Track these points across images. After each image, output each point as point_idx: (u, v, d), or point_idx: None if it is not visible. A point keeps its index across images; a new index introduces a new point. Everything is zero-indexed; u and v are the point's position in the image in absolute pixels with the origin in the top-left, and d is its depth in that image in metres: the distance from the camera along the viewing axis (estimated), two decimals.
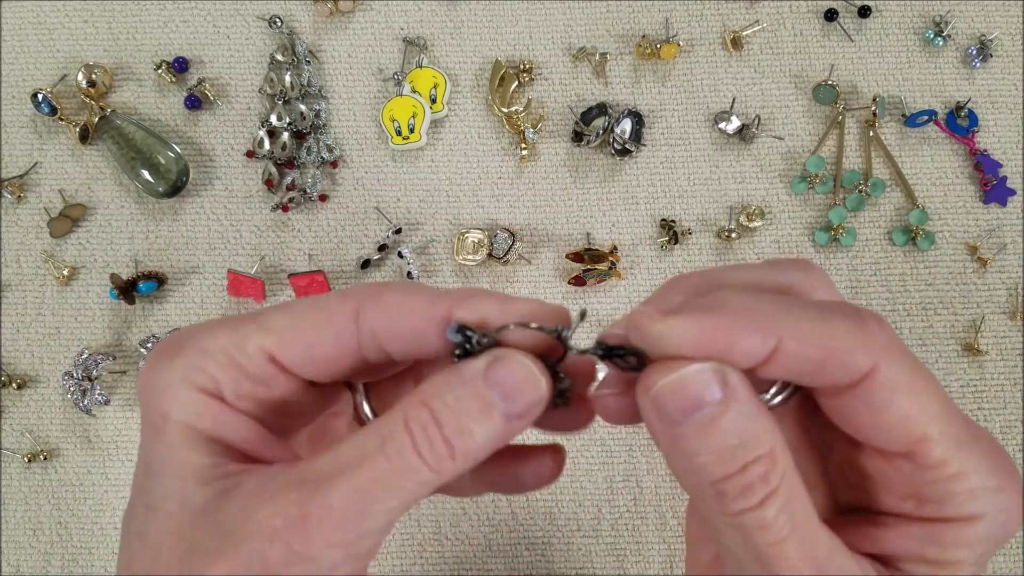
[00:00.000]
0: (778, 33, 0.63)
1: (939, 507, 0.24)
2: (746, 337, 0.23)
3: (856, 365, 0.23)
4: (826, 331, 0.23)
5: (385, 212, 0.61)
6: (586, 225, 0.61)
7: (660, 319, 0.23)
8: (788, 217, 0.61)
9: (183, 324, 0.60)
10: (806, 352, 0.23)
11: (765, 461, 0.23)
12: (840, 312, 0.24)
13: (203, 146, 0.62)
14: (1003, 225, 0.60)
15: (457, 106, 0.62)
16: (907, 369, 0.24)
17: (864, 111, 0.61)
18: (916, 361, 0.24)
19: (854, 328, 0.23)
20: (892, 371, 0.23)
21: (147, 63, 0.62)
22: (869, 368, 0.23)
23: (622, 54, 0.62)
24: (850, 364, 0.23)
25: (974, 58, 0.62)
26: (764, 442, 0.23)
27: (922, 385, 0.24)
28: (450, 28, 0.63)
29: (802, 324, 0.23)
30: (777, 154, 0.61)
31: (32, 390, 0.59)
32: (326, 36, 0.63)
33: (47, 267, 0.60)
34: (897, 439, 0.24)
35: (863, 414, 0.24)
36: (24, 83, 0.62)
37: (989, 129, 0.61)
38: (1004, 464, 0.24)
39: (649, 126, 0.61)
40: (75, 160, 0.61)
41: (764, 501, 0.23)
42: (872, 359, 0.23)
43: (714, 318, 0.23)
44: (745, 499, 0.23)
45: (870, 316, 0.24)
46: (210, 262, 0.60)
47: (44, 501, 0.58)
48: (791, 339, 0.23)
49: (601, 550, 0.57)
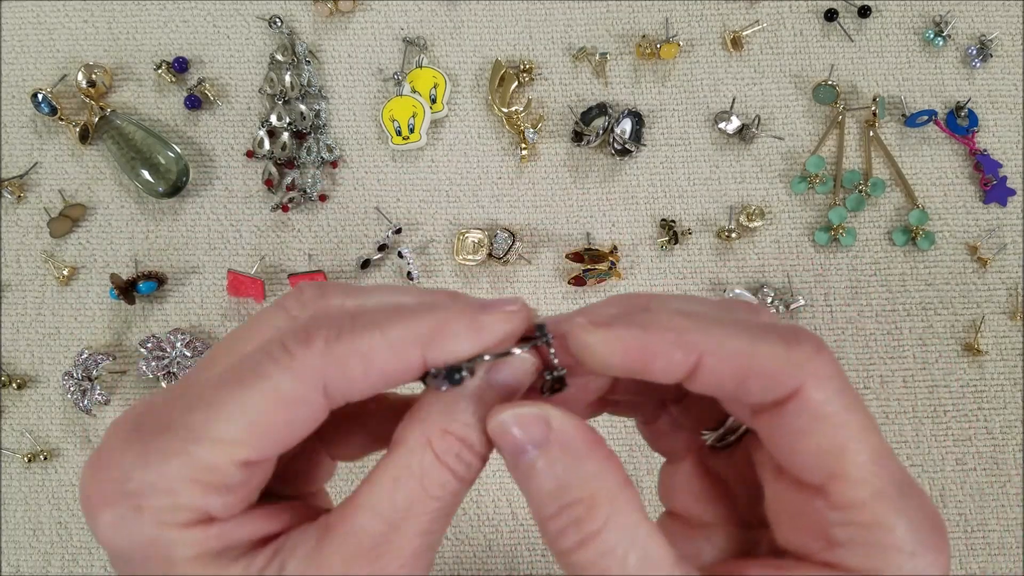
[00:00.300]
0: (778, 33, 0.63)
1: (844, 553, 0.23)
2: (666, 353, 0.23)
3: (777, 385, 0.23)
4: (749, 349, 0.23)
5: (385, 212, 0.61)
6: (586, 225, 0.61)
7: (590, 330, 0.23)
8: (788, 217, 0.61)
9: (183, 324, 0.60)
10: (726, 369, 0.23)
11: (580, 506, 0.23)
12: (771, 332, 0.23)
13: (203, 146, 0.62)
14: (1003, 225, 0.60)
15: (457, 106, 0.62)
16: (836, 399, 0.23)
17: (864, 111, 0.61)
18: (852, 395, 0.23)
19: (782, 348, 0.23)
20: (817, 397, 0.23)
21: (147, 63, 0.62)
22: (791, 390, 0.23)
23: (622, 54, 0.62)
24: (771, 384, 0.23)
25: (974, 58, 0.62)
26: (585, 487, 0.23)
27: (851, 420, 0.23)
28: (450, 28, 0.63)
29: (725, 341, 0.23)
30: (777, 154, 0.61)
31: (32, 390, 0.59)
32: (326, 36, 0.63)
33: (47, 267, 0.60)
34: (812, 470, 0.23)
35: (783, 438, 0.24)
36: (24, 83, 0.62)
37: (989, 129, 0.61)
38: (931, 530, 0.23)
39: (649, 126, 0.61)
40: (75, 160, 0.61)
41: (579, 545, 0.23)
42: (796, 381, 0.23)
43: (637, 333, 0.23)
44: (563, 540, 0.23)
45: (807, 339, 0.23)
46: (210, 262, 0.60)
47: (44, 501, 0.58)
48: (711, 356, 0.23)
49: None
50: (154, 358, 0.57)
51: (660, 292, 0.26)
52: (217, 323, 0.60)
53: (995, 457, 0.58)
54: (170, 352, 0.57)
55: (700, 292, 0.60)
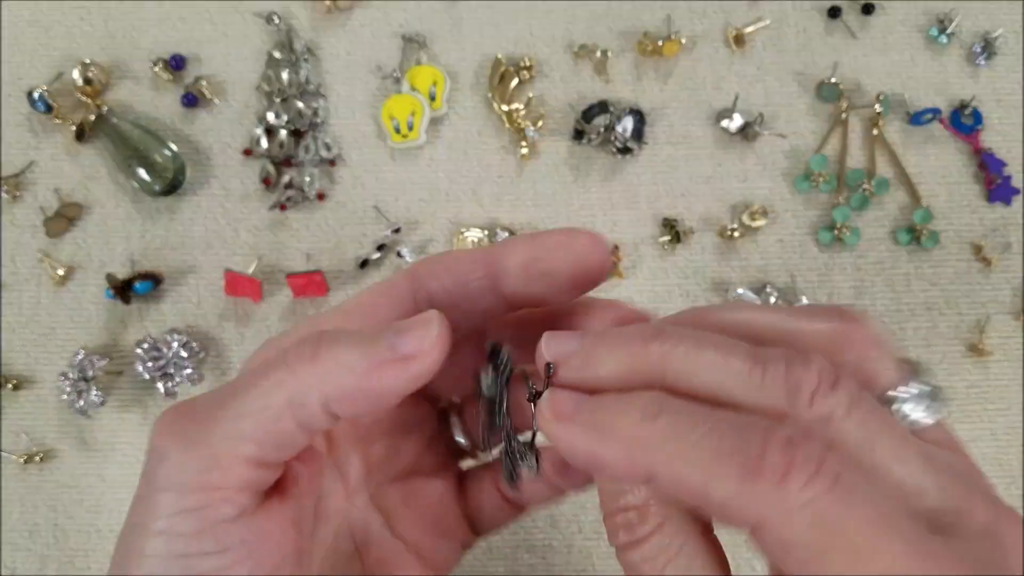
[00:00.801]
0: (781, 30, 0.62)
1: None
2: (616, 469, 0.22)
3: (736, 525, 0.20)
4: (701, 482, 0.20)
5: (384, 211, 0.60)
6: (587, 224, 0.60)
7: (551, 421, 0.23)
8: (791, 216, 0.60)
9: (180, 324, 0.59)
10: (678, 494, 0.21)
11: (633, 513, 0.24)
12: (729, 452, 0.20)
13: (200, 144, 0.61)
14: (1008, 224, 0.60)
15: (457, 104, 0.62)
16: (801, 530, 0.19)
17: (868, 109, 0.61)
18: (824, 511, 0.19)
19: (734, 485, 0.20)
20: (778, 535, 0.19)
21: (144, 61, 0.62)
22: (751, 526, 0.20)
23: (623, 51, 0.62)
24: (730, 524, 0.21)
25: (979, 56, 0.61)
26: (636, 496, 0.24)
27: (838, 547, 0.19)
28: (449, 25, 0.62)
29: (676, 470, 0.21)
30: (780, 152, 0.61)
31: (28, 391, 0.58)
32: (324, 33, 0.62)
33: (43, 267, 0.60)
34: None
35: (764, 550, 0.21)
36: (20, 81, 0.61)
37: (994, 127, 0.61)
38: None
39: (651, 124, 0.61)
40: (71, 159, 0.61)
41: (628, 546, 0.24)
42: (754, 519, 0.20)
43: (593, 441, 0.22)
44: (615, 538, 0.25)
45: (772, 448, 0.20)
46: (207, 261, 0.60)
47: (40, 503, 0.58)
48: (662, 483, 0.21)
49: (602, 553, 0.57)
50: (150, 359, 0.57)
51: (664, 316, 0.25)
52: (214, 323, 0.59)
53: (999, 459, 0.58)
54: (166, 353, 0.57)
55: (702, 292, 0.60)
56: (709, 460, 0.20)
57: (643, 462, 0.21)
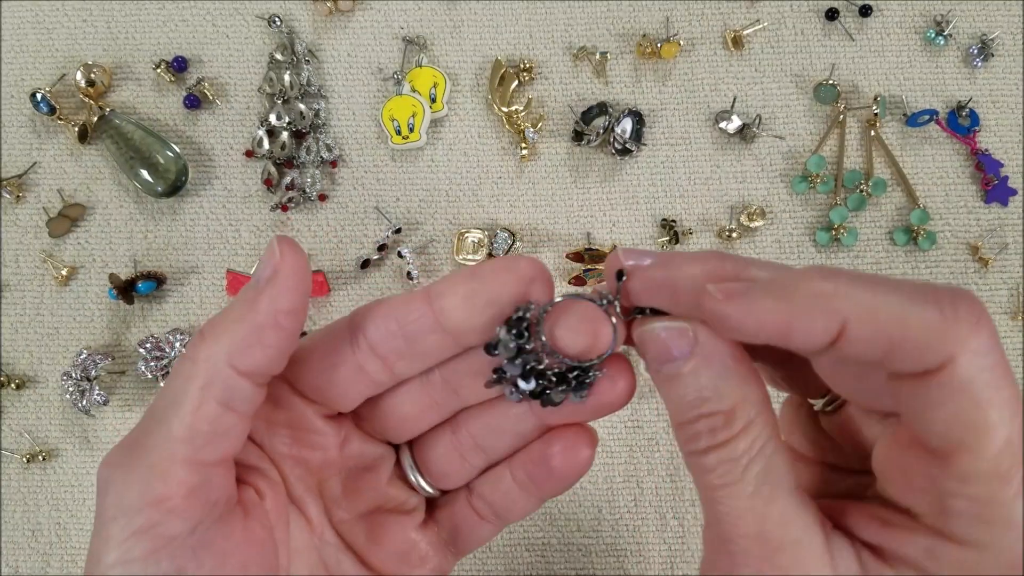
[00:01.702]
0: (779, 32, 0.62)
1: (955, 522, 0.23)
2: (808, 323, 0.22)
3: (927, 357, 0.22)
4: (899, 316, 0.22)
5: (385, 212, 0.61)
6: (586, 225, 0.61)
7: (725, 302, 0.23)
8: (789, 217, 0.61)
9: (182, 324, 0.59)
10: (872, 338, 0.22)
11: (719, 418, 0.24)
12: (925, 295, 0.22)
13: (202, 146, 0.61)
14: (1004, 225, 0.60)
15: (457, 105, 0.62)
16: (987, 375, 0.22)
17: (865, 110, 0.61)
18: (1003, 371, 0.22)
19: (937, 316, 0.21)
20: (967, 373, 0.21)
21: (146, 62, 0.62)
22: (942, 363, 0.22)
23: (622, 53, 0.62)
24: (920, 355, 0.22)
25: (975, 57, 0.61)
26: (724, 400, 0.24)
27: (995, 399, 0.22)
28: (450, 27, 0.63)
29: (874, 308, 0.22)
30: (778, 154, 0.61)
31: (31, 390, 0.59)
32: (325, 35, 0.63)
33: (46, 267, 0.60)
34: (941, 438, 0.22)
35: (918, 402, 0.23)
36: (23, 83, 0.62)
37: (990, 129, 0.61)
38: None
39: (649, 125, 0.61)
40: (74, 160, 0.61)
41: (710, 449, 0.24)
42: (948, 354, 0.21)
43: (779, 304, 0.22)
44: (693, 443, 0.25)
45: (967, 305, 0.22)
46: (209, 262, 0.60)
47: (43, 502, 0.58)
48: (857, 325, 0.22)
49: (601, 550, 0.57)
50: (153, 358, 0.57)
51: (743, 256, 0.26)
52: None
53: None
54: (169, 352, 0.57)
55: None
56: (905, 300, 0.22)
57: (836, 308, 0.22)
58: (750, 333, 0.23)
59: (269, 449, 0.29)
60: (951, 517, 0.23)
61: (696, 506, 0.57)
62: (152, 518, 0.24)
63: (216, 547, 0.25)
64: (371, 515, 0.32)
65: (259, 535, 0.27)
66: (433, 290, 0.27)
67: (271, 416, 0.29)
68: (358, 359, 0.28)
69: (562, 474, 0.30)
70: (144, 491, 0.24)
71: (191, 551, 0.25)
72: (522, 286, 0.26)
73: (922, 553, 0.23)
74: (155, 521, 0.24)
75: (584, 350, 0.26)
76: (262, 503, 0.28)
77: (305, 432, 0.29)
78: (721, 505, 0.24)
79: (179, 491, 0.25)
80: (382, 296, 0.60)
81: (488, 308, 0.26)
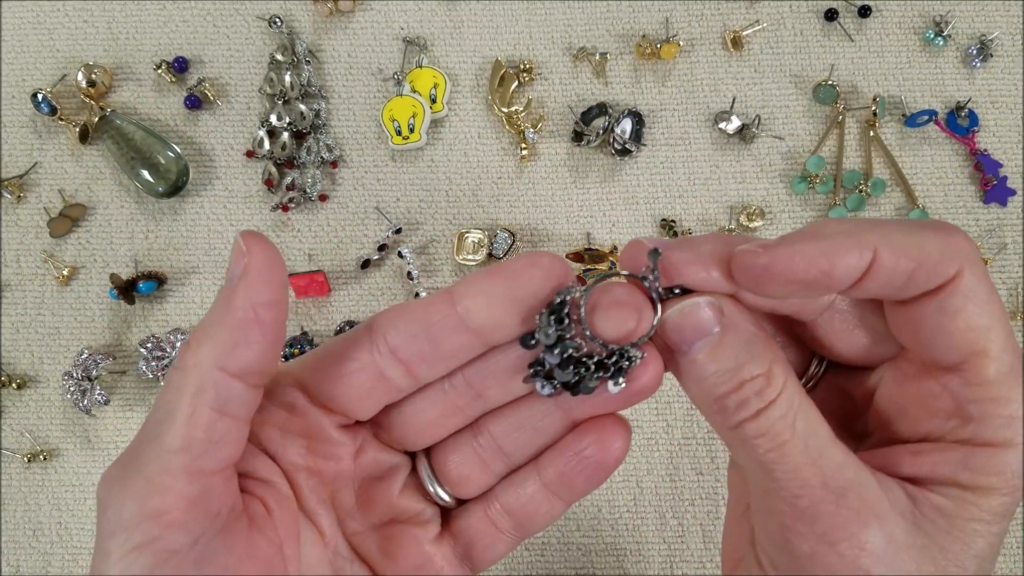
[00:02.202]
0: (778, 33, 0.63)
1: (978, 428, 0.25)
2: (845, 255, 0.24)
3: (944, 272, 0.24)
4: (917, 242, 0.24)
5: (385, 212, 0.61)
6: (586, 225, 0.61)
7: (764, 253, 0.25)
8: (788, 217, 0.61)
9: (183, 324, 0.60)
10: (900, 263, 0.24)
11: (760, 380, 0.25)
12: (927, 225, 0.25)
13: (203, 146, 0.62)
14: (1003, 225, 0.60)
15: (457, 106, 0.62)
16: (982, 282, 0.25)
17: (864, 111, 0.61)
18: (990, 279, 0.25)
19: (943, 238, 0.25)
20: (971, 281, 0.25)
21: (147, 63, 0.62)
22: (953, 275, 0.24)
23: (622, 54, 0.62)
24: (939, 271, 0.24)
25: (974, 58, 0.62)
26: (761, 363, 0.25)
27: (992, 302, 0.25)
28: (450, 28, 0.63)
29: (895, 237, 0.24)
30: (777, 154, 0.61)
31: (32, 390, 0.59)
32: (326, 36, 0.63)
33: (47, 267, 0.60)
34: (957, 348, 0.25)
35: (932, 320, 0.25)
36: (24, 83, 0.62)
37: (989, 129, 0.61)
38: None
39: (649, 126, 0.61)
40: (75, 160, 0.61)
41: (760, 412, 0.25)
42: (957, 266, 0.24)
43: (813, 243, 0.25)
44: (743, 410, 0.25)
45: (954, 228, 0.25)
46: (210, 262, 0.60)
47: (44, 501, 0.58)
48: (886, 251, 0.24)
49: (600, 550, 0.57)
50: (154, 358, 0.57)
51: None
52: None
53: None
54: (170, 352, 0.57)
55: None
56: (915, 229, 0.25)
57: (867, 240, 0.24)
58: (796, 277, 0.24)
59: (282, 459, 0.29)
60: (978, 423, 0.25)
61: (695, 506, 0.57)
62: (151, 532, 0.24)
63: (220, 561, 0.25)
64: (384, 527, 0.31)
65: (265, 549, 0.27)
66: (456, 291, 0.26)
67: (286, 425, 0.29)
68: (378, 365, 0.27)
69: (597, 467, 0.29)
70: (141, 505, 0.24)
71: (194, 565, 0.24)
72: (547, 281, 0.26)
73: (957, 467, 0.25)
74: (155, 535, 0.24)
75: (627, 333, 0.26)
76: (270, 518, 0.27)
77: (321, 442, 0.29)
78: (777, 468, 0.25)
79: (178, 503, 0.24)
80: (382, 296, 0.60)
81: (514, 304, 0.26)
